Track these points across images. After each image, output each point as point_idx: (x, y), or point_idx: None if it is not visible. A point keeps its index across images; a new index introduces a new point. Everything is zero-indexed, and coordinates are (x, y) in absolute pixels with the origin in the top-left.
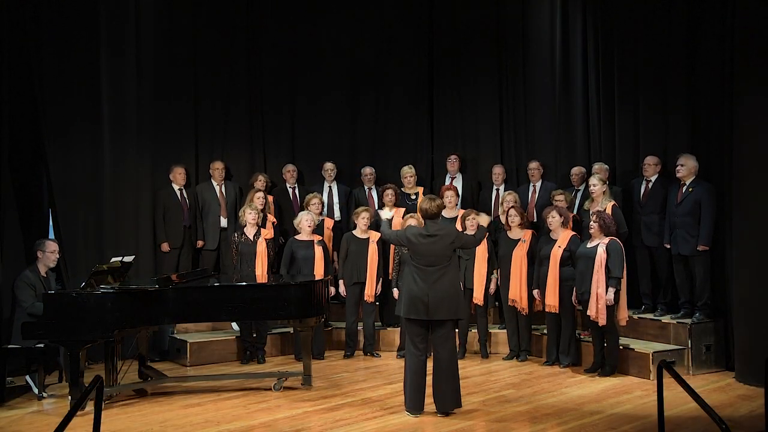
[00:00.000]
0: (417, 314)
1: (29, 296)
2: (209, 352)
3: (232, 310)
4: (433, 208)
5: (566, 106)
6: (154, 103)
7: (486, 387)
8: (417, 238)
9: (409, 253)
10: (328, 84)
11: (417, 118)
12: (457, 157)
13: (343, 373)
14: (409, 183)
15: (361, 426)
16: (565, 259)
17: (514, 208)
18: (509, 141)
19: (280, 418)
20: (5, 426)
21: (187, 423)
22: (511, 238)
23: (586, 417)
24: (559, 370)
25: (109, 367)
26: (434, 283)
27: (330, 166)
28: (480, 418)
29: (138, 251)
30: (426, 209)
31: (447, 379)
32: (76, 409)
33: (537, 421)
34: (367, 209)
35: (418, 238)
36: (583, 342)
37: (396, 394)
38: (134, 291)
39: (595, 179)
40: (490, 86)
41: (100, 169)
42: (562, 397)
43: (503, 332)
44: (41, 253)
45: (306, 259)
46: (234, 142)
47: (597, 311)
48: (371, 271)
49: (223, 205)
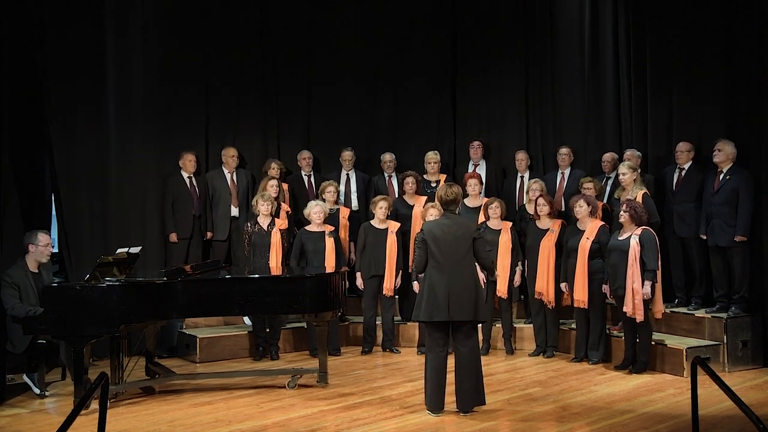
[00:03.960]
0: (438, 315)
1: (11, 297)
2: (220, 348)
3: (244, 304)
4: (449, 195)
5: (596, 90)
6: (162, 86)
7: (511, 385)
8: (433, 233)
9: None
10: (345, 66)
11: (439, 102)
12: (480, 143)
13: (361, 370)
14: (432, 169)
15: (379, 426)
16: (594, 251)
17: (542, 197)
18: (535, 126)
19: (294, 418)
20: (5, 426)
21: (196, 422)
22: (539, 228)
23: (617, 416)
24: (588, 366)
25: (115, 363)
26: (453, 278)
27: (348, 155)
28: (504, 417)
29: (145, 242)
30: (442, 196)
31: (469, 377)
32: (80, 408)
33: (564, 420)
34: (385, 198)
35: (434, 233)
36: (613, 337)
37: (416, 392)
38: (141, 284)
39: (625, 167)
40: (515, 68)
41: (105, 155)
42: (591, 395)
43: (529, 327)
44: (33, 247)
45: (316, 251)
46: (246, 128)
47: (634, 307)
48: (390, 263)
49: (234, 194)
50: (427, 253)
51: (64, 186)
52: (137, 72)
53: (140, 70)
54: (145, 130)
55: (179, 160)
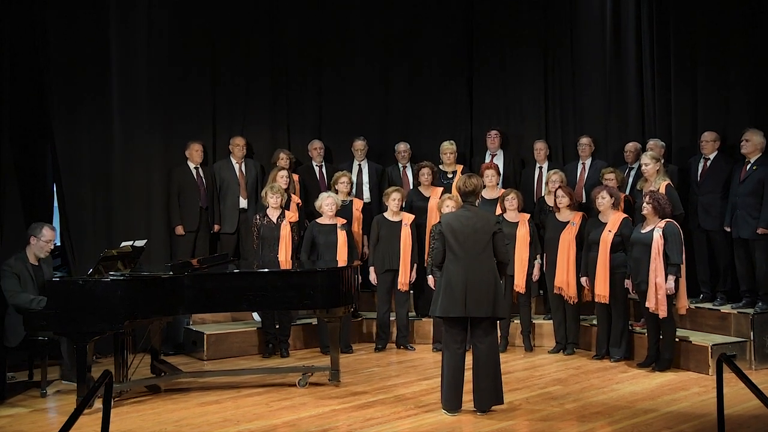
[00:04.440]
0: (455, 311)
1: (14, 285)
2: (228, 345)
3: (253, 299)
4: (468, 186)
5: (618, 77)
6: (168, 74)
7: (530, 383)
8: (451, 226)
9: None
10: (357, 53)
11: (455, 89)
12: (497, 132)
13: (374, 367)
14: (448, 160)
15: (393, 425)
16: (617, 244)
17: (561, 188)
18: (555, 115)
19: (305, 417)
20: (6, 425)
21: (203, 422)
22: (559, 221)
23: (639, 416)
24: (610, 364)
25: (119, 361)
26: (471, 272)
27: (360, 144)
28: (523, 417)
29: (151, 235)
30: (461, 187)
31: (487, 375)
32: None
33: (585, 420)
34: (398, 189)
35: (452, 225)
36: (635, 334)
37: (431, 390)
38: (146, 278)
39: (647, 157)
40: (534, 54)
41: (109, 145)
42: (613, 394)
43: (548, 323)
44: (34, 240)
45: (328, 244)
46: (255, 117)
47: (657, 303)
48: (405, 257)
49: (243, 185)
50: (445, 247)
51: (67, 177)
52: (142, 59)
53: (145, 57)
54: (151, 119)
55: (185, 150)
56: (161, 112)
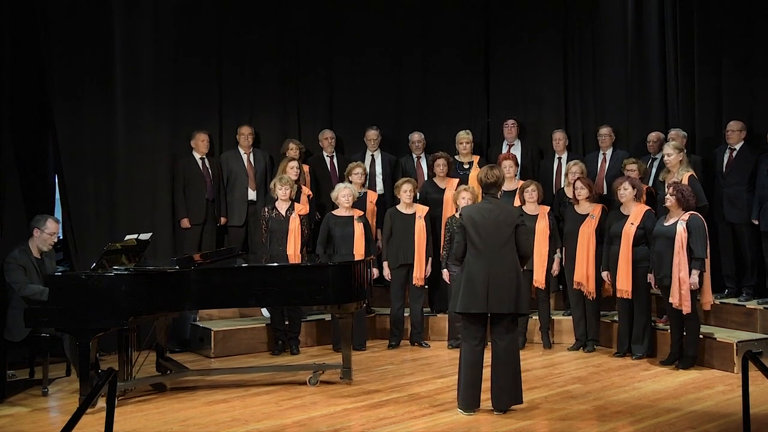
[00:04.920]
0: (476, 307)
1: (21, 277)
2: (236, 342)
3: (261, 295)
4: (490, 178)
5: (640, 64)
6: (174, 60)
7: (548, 381)
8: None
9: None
10: (370, 39)
11: (471, 77)
12: (515, 122)
13: (388, 365)
14: (464, 150)
15: (407, 425)
16: (639, 237)
17: (580, 180)
18: (575, 104)
19: (316, 417)
20: (5, 425)
21: (211, 421)
22: (578, 213)
23: (662, 415)
24: (632, 362)
25: (124, 358)
26: (493, 267)
27: (373, 134)
28: (541, 416)
29: (156, 228)
30: (482, 179)
31: (506, 373)
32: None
33: (606, 419)
34: (408, 180)
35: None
36: (658, 330)
37: (447, 389)
38: (152, 273)
39: (670, 147)
40: (553, 41)
41: (113, 134)
42: (635, 392)
43: (568, 319)
44: (38, 232)
45: (344, 237)
46: (264, 106)
47: (680, 298)
48: (419, 251)
49: (252, 176)
50: (466, 240)
51: (69, 168)
52: (147, 45)
53: (150, 43)
54: (157, 107)
55: (191, 140)
56: (167, 100)
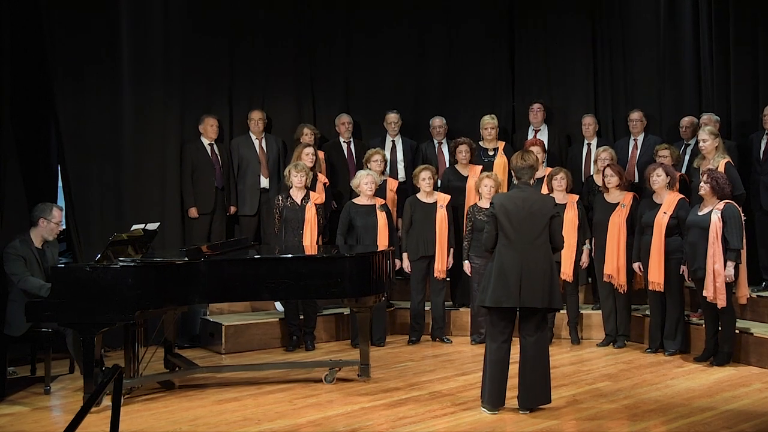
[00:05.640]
0: (507, 301)
1: (21, 268)
2: (248, 338)
3: (275, 288)
4: (527, 161)
5: (673, 45)
6: (183, 41)
7: (577, 378)
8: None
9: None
10: (389, 18)
11: (495, 59)
12: (541, 105)
13: (408, 362)
14: (489, 135)
15: (428, 425)
16: (672, 227)
17: (610, 167)
18: (604, 87)
19: (332, 416)
20: (5, 425)
21: (221, 421)
22: (608, 202)
23: (696, 414)
24: (664, 358)
25: (130, 355)
26: (526, 259)
27: (394, 117)
28: (569, 415)
29: (164, 217)
30: (516, 165)
31: (535, 371)
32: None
33: (637, 419)
34: (427, 167)
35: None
36: (692, 325)
37: (470, 386)
38: (159, 265)
39: (705, 133)
40: (581, 21)
41: (118, 118)
42: (667, 390)
43: (597, 314)
44: (44, 222)
45: (366, 227)
46: (277, 88)
47: (715, 291)
48: (441, 242)
49: (264, 163)
50: (497, 230)
51: (71, 153)
52: (155, 24)
53: (159, 21)
54: (166, 89)
55: (199, 124)
56: (178, 81)
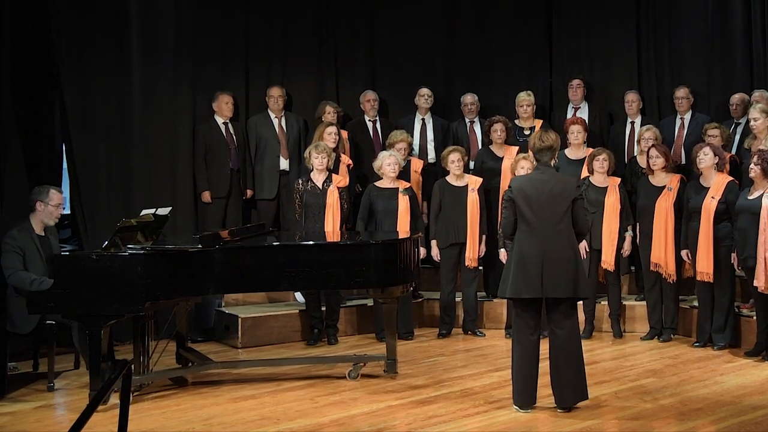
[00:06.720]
0: (529, 291)
1: (13, 262)
2: (266, 331)
3: (295, 277)
4: (546, 141)
5: (722, 17)
6: (196, 13)
7: (619, 375)
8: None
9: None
10: None
11: (531, 32)
12: (581, 82)
13: (438, 357)
14: (525, 113)
15: (459, 424)
16: (721, 212)
17: (655, 147)
18: (649, 62)
19: (356, 415)
20: (6, 424)
21: (237, 420)
22: (653, 185)
23: (747, 413)
24: (713, 353)
25: (139, 349)
26: (547, 246)
27: (426, 91)
28: (610, 414)
29: (176, 202)
30: (535, 144)
31: (567, 366)
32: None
33: (684, 418)
34: (456, 149)
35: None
36: (743, 317)
37: (504, 383)
38: (171, 252)
39: (756, 111)
40: None
41: (127, 97)
42: (717, 387)
43: (641, 305)
44: (41, 205)
45: (387, 211)
46: (297, 64)
47: (766, 281)
48: (472, 228)
49: (284, 143)
50: (516, 215)
51: (77, 134)
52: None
53: None
54: (176, 66)
55: (213, 102)
56: (188, 57)
